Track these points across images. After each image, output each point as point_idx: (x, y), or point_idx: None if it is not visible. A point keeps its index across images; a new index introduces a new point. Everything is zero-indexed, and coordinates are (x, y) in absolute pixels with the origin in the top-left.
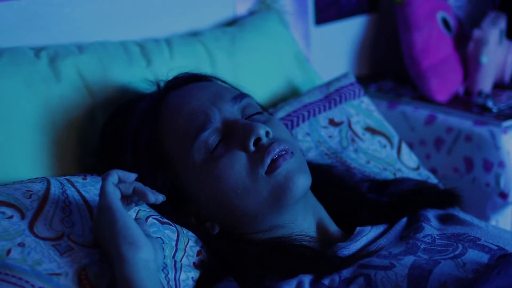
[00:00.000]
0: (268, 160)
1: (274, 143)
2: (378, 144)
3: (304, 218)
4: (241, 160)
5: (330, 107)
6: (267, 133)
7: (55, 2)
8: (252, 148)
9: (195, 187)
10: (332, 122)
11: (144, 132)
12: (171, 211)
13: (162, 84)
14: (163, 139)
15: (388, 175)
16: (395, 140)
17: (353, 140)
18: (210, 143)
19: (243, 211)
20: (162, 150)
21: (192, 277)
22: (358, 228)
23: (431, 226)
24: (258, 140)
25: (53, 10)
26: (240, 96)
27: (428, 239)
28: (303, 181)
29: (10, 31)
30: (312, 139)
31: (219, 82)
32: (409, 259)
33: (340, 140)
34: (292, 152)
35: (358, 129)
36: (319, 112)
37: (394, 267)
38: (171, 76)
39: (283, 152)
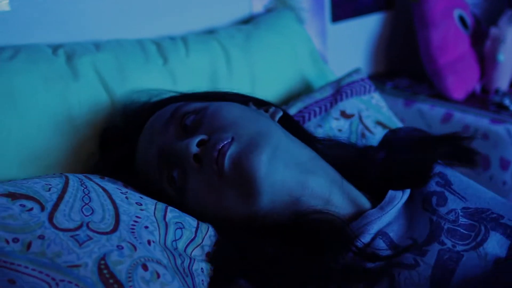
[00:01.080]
0: (212, 161)
1: (210, 149)
2: None
3: (325, 183)
4: (200, 181)
5: (341, 99)
6: (201, 142)
7: None
8: (197, 162)
9: (188, 206)
10: (343, 114)
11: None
12: None
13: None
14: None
15: None
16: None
17: (363, 135)
18: (169, 184)
19: (239, 219)
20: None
21: (201, 268)
22: (390, 192)
23: (454, 193)
24: (197, 155)
25: (68, 7)
26: (172, 115)
27: (452, 215)
28: (256, 158)
29: (27, 28)
30: (324, 130)
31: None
32: (433, 253)
33: (349, 136)
34: (232, 138)
35: (369, 122)
36: (331, 106)
37: (418, 266)
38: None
39: (221, 146)
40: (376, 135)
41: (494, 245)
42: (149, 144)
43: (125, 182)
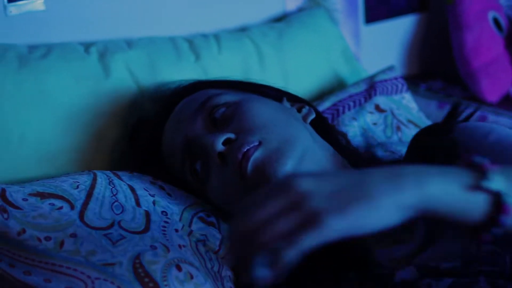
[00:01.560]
0: (236, 163)
1: (235, 150)
2: None
3: None
4: (222, 179)
5: (375, 94)
6: (227, 140)
7: None
8: (220, 159)
9: (208, 196)
10: (378, 108)
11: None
12: None
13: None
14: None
15: None
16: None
17: (398, 128)
18: (191, 175)
19: None
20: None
21: (229, 276)
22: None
23: None
24: (221, 153)
25: (100, 5)
26: (201, 104)
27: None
28: (280, 168)
29: (60, 27)
30: (358, 124)
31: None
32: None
33: (384, 129)
34: (259, 142)
35: (402, 118)
36: (365, 101)
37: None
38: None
39: (246, 149)
40: (411, 130)
41: None
42: (175, 132)
43: (154, 176)
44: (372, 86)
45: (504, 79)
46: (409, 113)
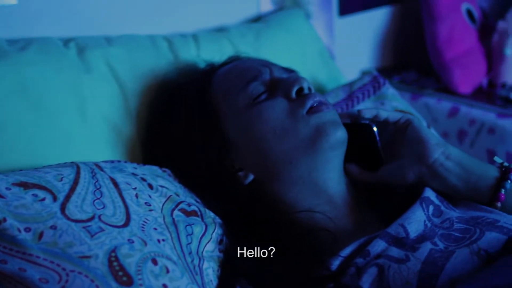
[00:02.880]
0: (308, 103)
1: (315, 93)
2: None
3: (339, 182)
4: (283, 104)
5: (353, 105)
6: (309, 89)
7: None
8: (294, 95)
9: (236, 133)
10: None
11: (196, 94)
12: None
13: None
14: (213, 98)
15: None
16: (424, 122)
17: None
18: (255, 91)
19: (277, 156)
20: (211, 107)
21: (212, 268)
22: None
23: (449, 207)
24: (300, 90)
25: (77, 1)
26: (291, 69)
27: (446, 223)
28: (341, 133)
29: (35, 22)
30: None
31: None
32: (424, 250)
33: None
34: (332, 106)
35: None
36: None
37: (408, 261)
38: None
39: (323, 105)
40: None
41: (489, 241)
42: (263, 66)
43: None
44: (350, 96)
45: (477, 70)
46: (395, 100)
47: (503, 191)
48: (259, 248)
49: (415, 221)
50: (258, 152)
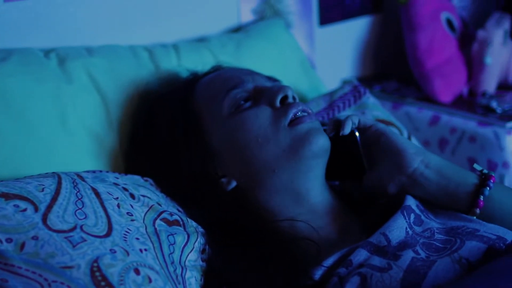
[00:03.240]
0: (291, 113)
1: (298, 102)
2: None
3: (322, 191)
4: (266, 112)
5: (333, 115)
6: (293, 97)
7: (60, 2)
8: (277, 104)
9: (219, 141)
10: None
11: (180, 105)
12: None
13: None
14: (196, 106)
15: None
16: (405, 131)
17: None
18: (238, 98)
19: (261, 163)
20: (194, 116)
21: (194, 277)
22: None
23: (430, 218)
24: (284, 98)
25: (58, 12)
26: (274, 79)
27: (427, 233)
28: (323, 140)
29: (17, 32)
30: None
31: None
32: (406, 258)
33: None
34: (315, 117)
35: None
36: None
37: (390, 269)
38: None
39: (306, 114)
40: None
41: (470, 249)
42: (245, 74)
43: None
44: (331, 105)
45: (457, 79)
46: (377, 109)
47: (482, 197)
48: (242, 257)
49: (396, 228)
50: (241, 160)
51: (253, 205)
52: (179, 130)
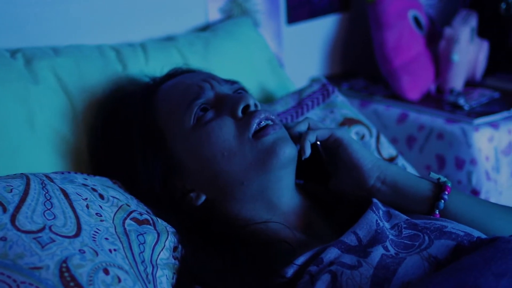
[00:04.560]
0: (254, 123)
1: (261, 110)
2: (356, 135)
3: (292, 197)
4: (229, 124)
5: (302, 113)
6: (255, 105)
7: (25, 2)
8: (240, 114)
9: (184, 155)
10: None
11: (138, 114)
12: (158, 188)
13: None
14: (156, 118)
15: None
16: (374, 130)
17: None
18: (201, 111)
19: (228, 177)
20: (155, 128)
21: (166, 275)
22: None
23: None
24: (246, 108)
25: (24, 11)
26: (232, 81)
27: (395, 230)
28: (290, 150)
29: None
30: None
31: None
32: (376, 255)
33: None
34: (279, 125)
35: (338, 116)
36: (291, 120)
37: (360, 267)
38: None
39: (270, 122)
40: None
41: (439, 247)
42: (204, 81)
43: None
44: (300, 103)
45: (425, 77)
46: (345, 108)
47: (437, 211)
48: (215, 256)
49: (367, 223)
50: (209, 174)
51: (224, 215)
52: (138, 144)
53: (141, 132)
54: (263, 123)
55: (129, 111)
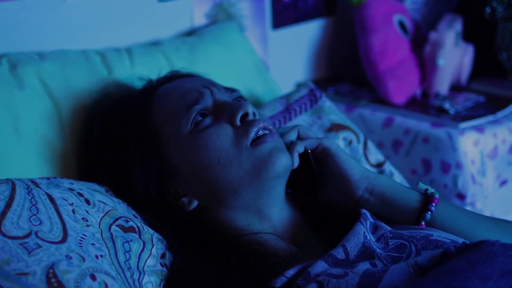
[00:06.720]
0: (252, 132)
1: (259, 119)
2: (343, 141)
3: (282, 208)
4: (227, 131)
5: (290, 118)
6: (254, 114)
7: (11, 7)
8: (238, 122)
9: (180, 160)
10: None
11: (136, 115)
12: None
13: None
14: (153, 120)
15: None
16: (362, 135)
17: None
18: (199, 116)
19: (223, 184)
20: (152, 130)
21: (152, 282)
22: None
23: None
24: (245, 116)
25: (9, 17)
26: (232, 89)
27: (381, 243)
28: (285, 160)
29: None
30: None
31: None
32: (362, 266)
33: None
34: (276, 134)
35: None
36: (279, 125)
37: (346, 276)
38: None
39: (267, 131)
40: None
41: (425, 255)
42: (203, 87)
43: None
44: (287, 108)
45: (411, 81)
46: (333, 113)
47: (423, 222)
48: (204, 264)
49: (355, 235)
50: (204, 180)
51: (215, 223)
52: (135, 146)
53: (138, 134)
54: (260, 133)
55: (126, 113)
